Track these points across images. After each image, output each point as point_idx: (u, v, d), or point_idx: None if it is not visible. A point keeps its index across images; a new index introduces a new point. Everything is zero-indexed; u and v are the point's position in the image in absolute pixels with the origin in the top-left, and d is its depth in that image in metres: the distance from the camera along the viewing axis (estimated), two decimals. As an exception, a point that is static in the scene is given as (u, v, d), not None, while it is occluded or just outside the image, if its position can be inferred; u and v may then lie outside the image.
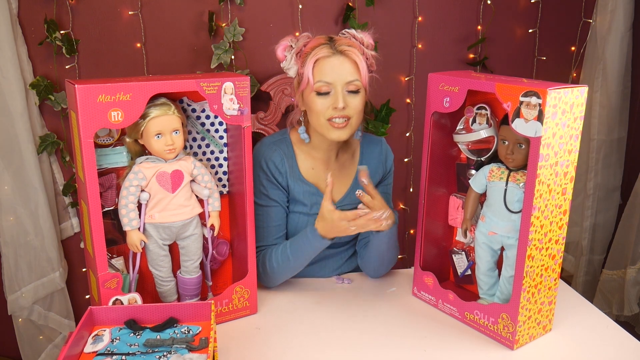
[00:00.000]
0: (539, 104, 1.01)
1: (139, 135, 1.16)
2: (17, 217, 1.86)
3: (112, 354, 0.99)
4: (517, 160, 1.17)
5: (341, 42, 1.31)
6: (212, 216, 1.27)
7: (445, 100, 1.20)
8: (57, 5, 1.79)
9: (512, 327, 1.14)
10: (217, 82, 1.15)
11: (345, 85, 1.29)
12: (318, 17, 1.95)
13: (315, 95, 1.30)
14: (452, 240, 1.40)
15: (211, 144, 1.32)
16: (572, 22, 2.11)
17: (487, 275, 1.27)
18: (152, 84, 1.09)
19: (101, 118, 1.05)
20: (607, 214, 2.22)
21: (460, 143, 1.29)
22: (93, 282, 1.17)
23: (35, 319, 1.97)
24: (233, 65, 1.93)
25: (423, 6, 2.02)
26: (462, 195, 1.33)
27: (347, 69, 1.29)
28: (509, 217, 1.19)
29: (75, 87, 1.02)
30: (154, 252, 1.22)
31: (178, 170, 1.19)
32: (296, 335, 1.21)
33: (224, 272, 1.40)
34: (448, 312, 1.28)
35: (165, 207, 1.19)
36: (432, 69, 1.25)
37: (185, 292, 1.29)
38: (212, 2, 1.88)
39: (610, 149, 2.15)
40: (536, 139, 1.03)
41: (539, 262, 1.13)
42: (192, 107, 1.29)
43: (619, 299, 2.13)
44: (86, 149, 1.05)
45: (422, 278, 1.33)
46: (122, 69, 1.89)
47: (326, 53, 1.29)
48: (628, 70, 2.08)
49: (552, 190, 1.09)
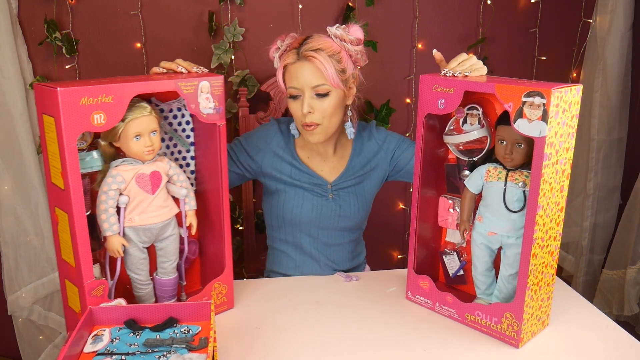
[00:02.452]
0: (543, 103, 1.01)
1: (117, 137, 1.14)
2: (17, 217, 1.86)
3: (112, 353, 0.99)
4: (516, 160, 1.17)
5: (308, 47, 1.33)
6: (189, 215, 1.26)
7: (439, 102, 1.19)
8: (57, 5, 1.79)
9: (517, 326, 1.14)
10: (194, 81, 1.15)
11: (312, 90, 1.34)
12: (318, 17, 1.95)
13: (289, 99, 1.38)
14: (442, 242, 1.39)
15: (179, 143, 1.32)
16: (572, 22, 2.12)
17: (485, 275, 1.27)
18: (134, 85, 1.07)
19: (84, 121, 1.02)
20: (607, 214, 2.22)
21: (450, 144, 1.29)
22: (73, 292, 1.14)
23: (35, 319, 1.97)
24: (233, 65, 1.93)
25: (423, 6, 2.02)
26: (452, 196, 1.33)
27: (312, 74, 1.33)
28: (509, 216, 1.19)
29: (57, 90, 0.98)
30: (134, 256, 1.20)
31: (156, 171, 1.18)
32: (296, 335, 1.21)
33: (193, 271, 1.40)
34: (446, 314, 1.28)
35: (145, 209, 1.17)
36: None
37: (163, 294, 1.28)
38: (212, 2, 1.88)
39: (610, 149, 2.15)
40: (541, 138, 1.03)
41: (541, 259, 1.14)
42: (160, 107, 1.28)
43: (619, 299, 2.13)
44: (70, 155, 1.02)
45: (416, 282, 1.32)
46: (122, 69, 1.89)
47: (292, 59, 1.35)
48: (628, 70, 2.08)
49: (553, 188, 1.09)
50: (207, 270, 1.38)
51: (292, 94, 1.36)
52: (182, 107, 1.30)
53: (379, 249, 2.27)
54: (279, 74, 1.38)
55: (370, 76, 2.05)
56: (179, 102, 1.29)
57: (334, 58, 1.33)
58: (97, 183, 1.17)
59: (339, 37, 1.35)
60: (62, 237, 1.13)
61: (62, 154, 1.03)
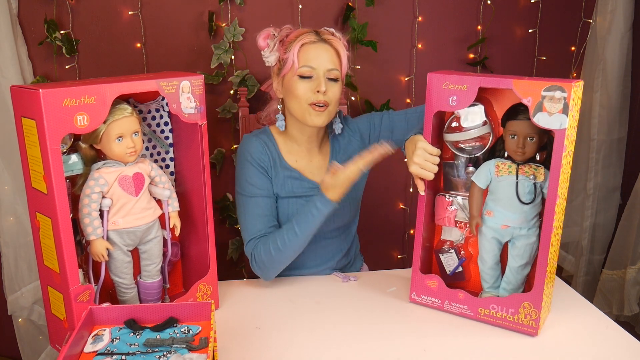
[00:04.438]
0: (564, 97, 1.07)
1: (98, 139, 1.13)
2: (17, 217, 1.86)
3: (112, 353, 0.99)
4: (527, 153, 1.21)
5: (325, 33, 1.38)
6: (172, 216, 1.26)
7: (451, 99, 1.19)
8: (57, 5, 1.79)
9: (535, 314, 1.18)
10: (175, 81, 1.15)
11: (327, 73, 1.35)
12: (318, 17, 1.95)
13: (298, 79, 1.35)
14: (436, 240, 1.39)
15: (157, 144, 1.32)
16: (572, 22, 2.12)
17: (493, 268, 1.29)
18: (116, 86, 1.06)
19: (67, 123, 1.01)
20: (607, 214, 2.22)
21: (449, 142, 1.29)
22: (57, 299, 1.13)
23: (35, 319, 1.97)
24: (233, 65, 1.93)
25: (423, 6, 2.02)
26: (451, 194, 1.33)
27: (330, 56, 1.36)
28: (521, 208, 1.22)
29: (39, 92, 0.97)
30: (118, 260, 1.19)
31: (139, 173, 1.17)
32: (296, 335, 1.21)
33: (175, 273, 1.40)
34: (457, 311, 1.28)
35: (129, 212, 1.16)
36: (432, 69, 1.24)
37: (147, 297, 1.27)
38: (212, 2, 1.88)
39: (610, 149, 2.15)
40: (561, 131, 1.08)
41: (553, 247, 1.18)
42: (139, 109, 1.27)
43: (619, 299, 2.13)
44: (54, 158, 1.00)
45: (423, 282, 1.32)
46: (122, 69, 1.89)
47: (312, 39, 1.36)
48: (628, 70, 2.08)
49: (565, 179, 1.15)
50: (190, 272, 1.37)
51: (305, 74, 1.34)
52: (160, 108, 1.30)
53: (379, 249, 2.27)
54: (294, 52, 1.34)
55: (370, 76, 2.06)
56: (157, 102, 1.29)
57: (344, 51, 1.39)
58: (78, 187, 1.15)
59: (336, 36, 1.40)
60: (44, 243, 1.11)
61: (45, 158, 1.01)
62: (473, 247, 1.34)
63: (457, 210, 1.32)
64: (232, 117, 1.98)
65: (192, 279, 1.30)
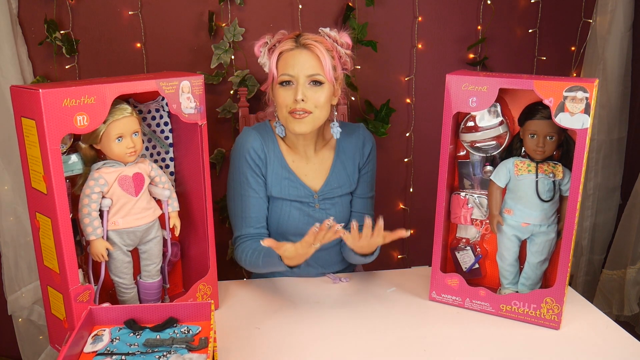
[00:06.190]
0: (585, 97, 1.09)
1: (98, 140, 1.13)
2: (17, 217, 1.86)
3: (112, 353, 0.99)
4: (547, 152, 1.23)
5: (307, 37, 1.36)
6: (172, 217, 1.26)
7: (470, 100, 1.20)
8: (57, 5, 1.79)
9: (557, 309, 1.21)
10: (175, 81, 1.15)
11: (307, 78, 1.34)
12: (318, 17, 1.95)
13: (279, 86, 1.36)
14: (451, 238, 1.40)
15: (157, 145, 1.32)
16: (572, 22, 2.11)
17: (513, 265, 1.31)
18: (116, 86, 1.06)
19: (67, 123, 1.01)
20: (607, 214, 2.22)
21: (465, 142, 1.30)
22: (56, 299, 1.13)
23: (35, 319, 1.97)
24: (233, 65, 1.93)
25: (423, 6, 2.02)
26: (466, 192, 1.34)
27: (309, 62, 1.34)
28: (541, 206, 1.24)
29: (39, 92, 0.97)
30: (118, 260, 1.19)
31: (139, 173, 1.17)
32: (296, 335, 1.21)
33: (175, 273, 1.40)
34: (478, 308, 1.30)
35: (129, 212, 1.17)
36: (432, 69, 1.25)
37: (147, 297, 1.27)
38: (212, 2, 1.88)
39: (610, 149, 2.15)
40: (583, 130, 1.11)
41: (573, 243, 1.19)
42: (139, 109, 1.27)
43: (619, 299, 2.13)
44: (54, 158, 1.01)
45: (444, 281, 1.33)
46: (122, 69, 1.89)
47: (289, 46, 1.35)
48: (628, 70, 2.08)
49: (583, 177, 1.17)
50: (190, 272, 1.37)
51: (285, 80, 1.34)
52: (160, 108, 1.30)
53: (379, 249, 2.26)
54: (273, 61, 1.36)
55: (370, 76, 2.06)
56: (157, 102, 1.29)
57: (329, 53, 1.36)
58: (77, 187, 1.15)
59: (331, 37, 1.38)
60: (44, 243, 1.11)
61: (45, 158, 1.01)
62: (488, 244, 1.36)
63: (473, 208, 1.33)
64: (232, 117, 1.98)
65: (192, 279, 1.31)
